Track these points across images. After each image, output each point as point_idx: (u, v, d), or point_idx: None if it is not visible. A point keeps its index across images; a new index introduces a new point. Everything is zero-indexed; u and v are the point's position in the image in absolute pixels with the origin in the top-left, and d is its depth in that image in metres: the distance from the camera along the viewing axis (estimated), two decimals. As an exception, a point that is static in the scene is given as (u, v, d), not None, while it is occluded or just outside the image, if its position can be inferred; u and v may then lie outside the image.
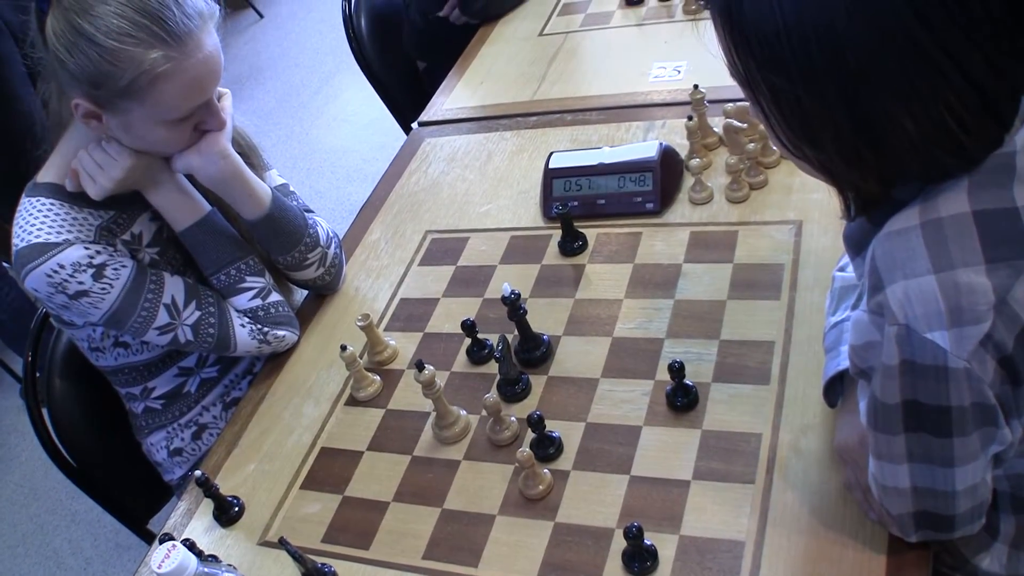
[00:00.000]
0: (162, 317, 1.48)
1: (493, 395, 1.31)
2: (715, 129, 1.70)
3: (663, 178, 1.61)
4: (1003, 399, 0.88)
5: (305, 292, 1.77)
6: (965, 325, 0.84)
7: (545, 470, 1.25)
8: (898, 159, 0.87)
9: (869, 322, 0.91)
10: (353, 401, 1.49)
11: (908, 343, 0.86)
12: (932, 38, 0.78)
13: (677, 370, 1.24)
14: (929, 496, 0.96)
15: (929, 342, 0.85)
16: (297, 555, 1.19)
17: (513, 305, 1.36)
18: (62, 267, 1.38)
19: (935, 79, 0.80)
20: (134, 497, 1.83)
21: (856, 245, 1.03)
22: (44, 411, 1.72)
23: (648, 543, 1.12)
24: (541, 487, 1.24)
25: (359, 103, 4.33)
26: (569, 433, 1.30)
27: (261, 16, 5.58)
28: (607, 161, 1.66)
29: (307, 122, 4.49)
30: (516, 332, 1.42)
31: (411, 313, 1.61)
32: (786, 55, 0.84)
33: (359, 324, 1.48)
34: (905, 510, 0.98)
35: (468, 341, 1.47)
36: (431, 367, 1.30)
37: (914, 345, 0.85)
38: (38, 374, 1.74)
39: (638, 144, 1.69)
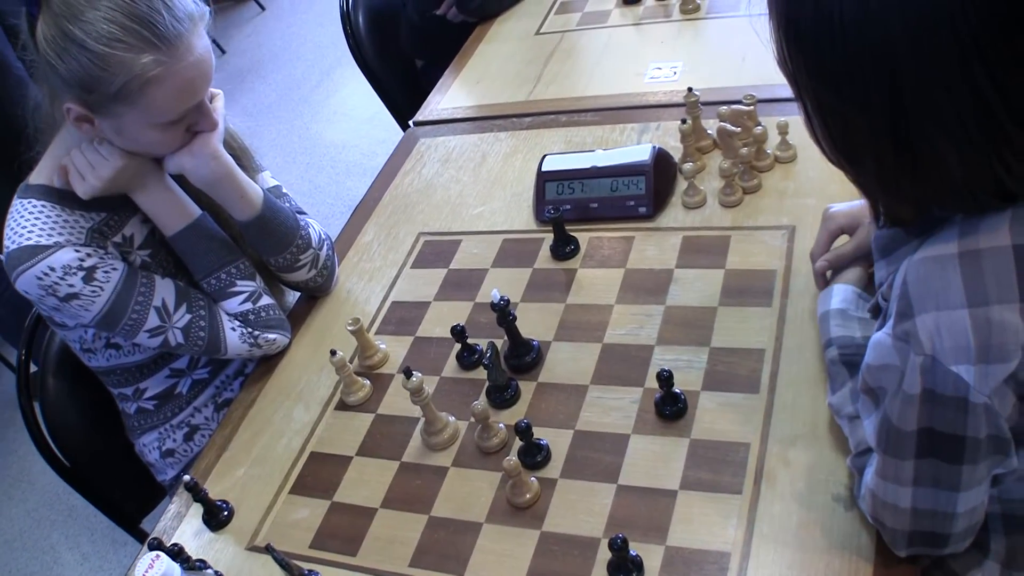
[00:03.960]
0: (152, 320, 1.48)
1: (481, 402, 1.31)
2: (709, 132, 1.70)
3: (656, 182, 1.61)
4: (1018, 431, 0.88)
5: (297, 294, 1.76)
6: (992, 363, 0.83)
7: (532, 478, 1.25)
8: (937, 194, 0.86)
9: (891, 346, 0.89)
10: (343, 405, 1.49)
11: (932, 373, 0.85)
12: (993, 84, 0.76)
13: (666, 379, 1.24)
14: (928, 517, 0.95)
15: (953, 374, 0.84)
16: (284, 562, 1.19)
17: (502, 312, 1.36)
18: (52, 270, 1.38)
19: (990, 125, 0.78)
20: (127, 497, 1.83)
21: (883, 248, 1.01)
22: (37, 409, 1.72)
23: (633, 554, 1.11)
24: (528, 495, 1.23)
25: (360, 98, 4.31)
26: (557, 441, 1.30)
27: (263, 8, 5.56)
28: (600, 164, 1.65)
29: (307, 116, 4.48)
30: (506, 338, 1.42)
31: (402, 316, 1.61)
32: (839, 71, 0.82)
33: (349, 328, 1.48)
34: (900, 527, 0.98)
35: (458, 346, 1.46)
36: (419, 374, 1.30)
37: (937, 376, 0.85)
38: (35, 368, 1.74)
39: (631, 147, 1.68)
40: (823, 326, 1.22)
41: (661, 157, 1.64)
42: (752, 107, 1.61)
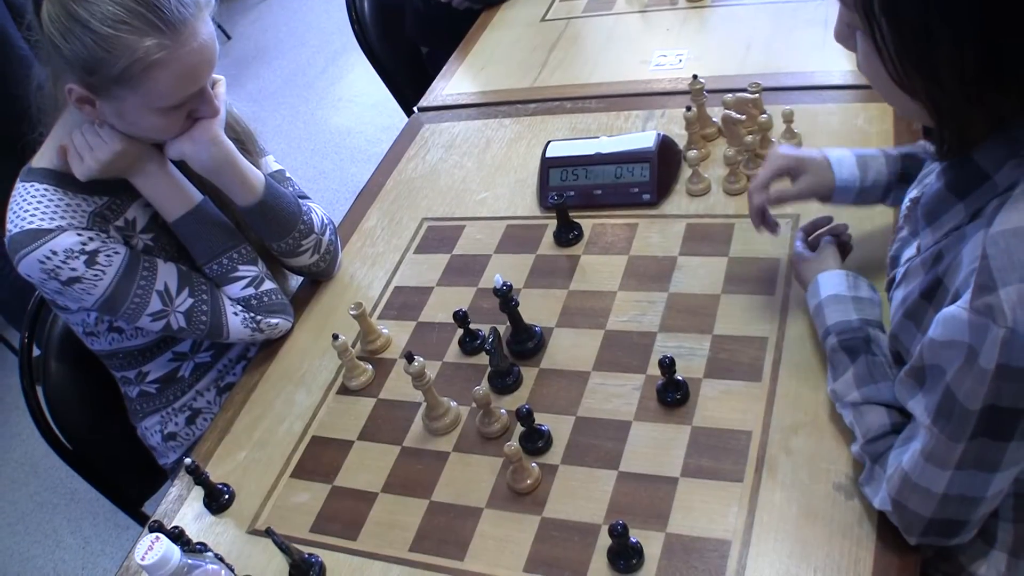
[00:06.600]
0: (155, 304, 1.47)
1: (483, 387, 1.31)
2: (714, 120, 1.69)
3: (660, 169, 1.60)
4: None
5: (300, 278, 1.76)
6: None
7: (533, 464, 1.25)
8: (1020, 99, 0.85)
9: (966, 321, 0.87)
10: (345, 390, 1.49)
11: (1010, 347, 0.84)
12: None
13: (668, 366, 1.24)
14: (955, 503, 0.95)
15: None
16: (284, 546, 1.19)
17: (505, 297, 1.36)
18: (55, 253, 1.38)
19: None
20: (129, 480, 1.84)
21: (929, 214, 1.00)
22: (40, 393, 1.73)
23: (634, 540, 1.11)
24: (529, 481, 1.23)
25: (364, 83, 4.31)
26: (559, 427, 1.30)
27: (268, -6, 5.56)
28: (604, 151, 1.65)
29: (312, 102, 4.47)
30: (508, 324, 1.42)
31: (405, 301, 1.60)
32: None
33: (352, 313, 1.48)
34: (923, 512, 0.98)
35: (460, 332, 1.46)
36: (420, 358, 1.30)
37: (1014, 349, 0.84)
38: (38, 352, 1.74)
39: (636, 134, 1.68)
40: (818, 318, 1.21)
41: (665, 144, 1.63)
42: (757, 95, 1.60)
